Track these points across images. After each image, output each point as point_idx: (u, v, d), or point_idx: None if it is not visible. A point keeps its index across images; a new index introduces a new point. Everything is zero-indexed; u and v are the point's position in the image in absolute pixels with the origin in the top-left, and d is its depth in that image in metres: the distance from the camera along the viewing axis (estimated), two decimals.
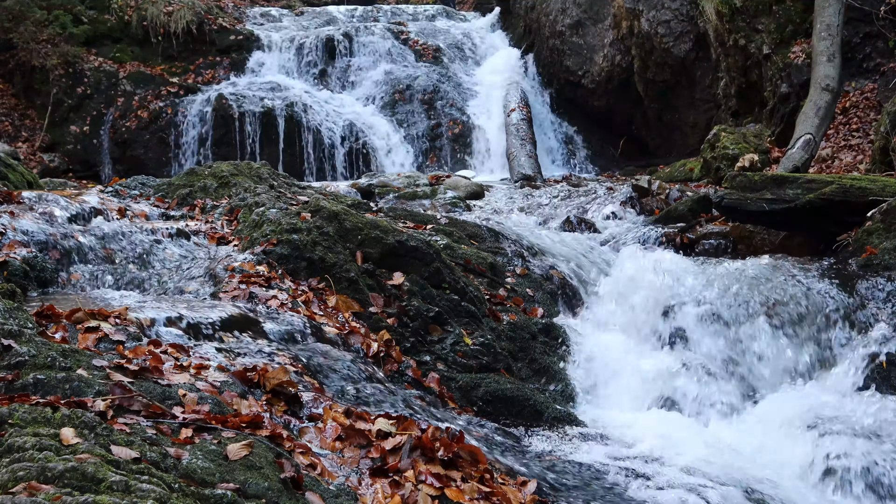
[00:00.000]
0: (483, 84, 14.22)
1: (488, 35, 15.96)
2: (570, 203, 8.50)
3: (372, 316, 4.55)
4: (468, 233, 6.10)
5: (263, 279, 4.46)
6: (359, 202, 6.65)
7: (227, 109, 12.83)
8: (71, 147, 12.99)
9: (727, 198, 6.19)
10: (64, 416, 2.37)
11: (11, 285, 3.73)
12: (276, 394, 3.15)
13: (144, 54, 14.07)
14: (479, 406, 4.35)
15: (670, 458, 3.83)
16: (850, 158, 8.78)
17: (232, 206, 5.65)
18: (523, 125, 12.63)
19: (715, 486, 3.53)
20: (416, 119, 13.53)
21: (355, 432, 2.98)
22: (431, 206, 8.14)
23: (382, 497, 2.65)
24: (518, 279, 5.60)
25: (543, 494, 3.09)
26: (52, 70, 13.02)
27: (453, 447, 2.93)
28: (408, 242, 4.95)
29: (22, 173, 6.12)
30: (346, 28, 15.02)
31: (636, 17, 12.42)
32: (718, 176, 8.94)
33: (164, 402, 2.73)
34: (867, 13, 9.44)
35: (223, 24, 14.68)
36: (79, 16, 13.84)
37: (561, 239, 6.53)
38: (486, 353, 4.66)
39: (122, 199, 5.78)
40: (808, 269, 5.44)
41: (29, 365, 2.74)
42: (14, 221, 4.49)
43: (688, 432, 4.29)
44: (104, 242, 4.71)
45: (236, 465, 2.42)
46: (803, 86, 9.37)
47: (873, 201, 5.65)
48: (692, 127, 12.30)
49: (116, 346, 3.17)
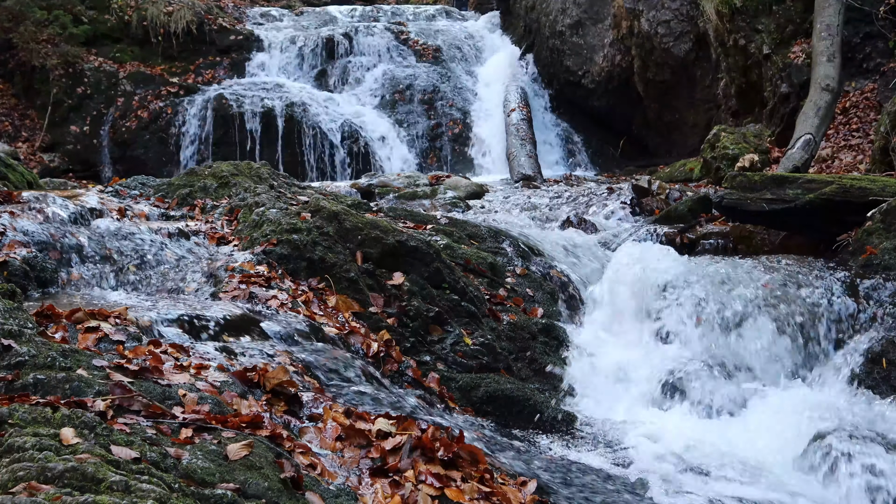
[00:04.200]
0: (483, 84, 14.22)
1: (488, 35, 15.94)
2: (569, 203, 8.50)
3: (372, 316, 4.55)
4: (468, 233, 6.10)
5: (263, 279, 4.46)
6: (359, 202, 6.65)
7: (227, 109, 12.83)
8: (71, 147, 12.99)
9: (727, 198, 6.20)
10: (64, 416, 2.37)
11: (11, 285, 3.73)
12: (276, 394, 3.15)
13: (144, 54, 14.07)
14: (478, 406, 4.35)
15: (670, 458, 3.83)
16: (850, 158, 8.78)
17: (232, 206, 5.65)
18: (523, 125, 12.63)
19: (714, 485, 3.54)
20: (416, 119, 13.53)
21: (355, 432, 2.98)
22: (431, 206, 8.14)
23: (382, 497, 2.65)
24: (518, 279, 5.60)
25: (543, 494, 3.09)
26: (52, 70, 13.02)
27: (453, 447, 2.93)
28: (408, 242, 4.95)
29: (22, 173, 6.11)
30: (345, 28, 15.02)
31: (636, 17, 12.42)
32: (718, 176, 8.94)
33: (164, 402, 2.73)
34: (867, 13, 9.44)
35: (223, 24, 14.68)
36: (79, 16, 13.84)
37: (561, 239, 6.53)
38: (486, 353, 4.66)
39: (122, 199, 5.78)
40: (807, 269, 5.44)
41: (29, 365, 2.74)
42: (14, 221, 4.49)
43: (687, 431, 4.29)
44: (104, 242, 4.71)
45: (236, 465, 2.42)
46: (803, 86, 9.37)
47: (873, 201, 5.65)
48: (692, 127, 12.30)
49: (116, 346, 3.17)
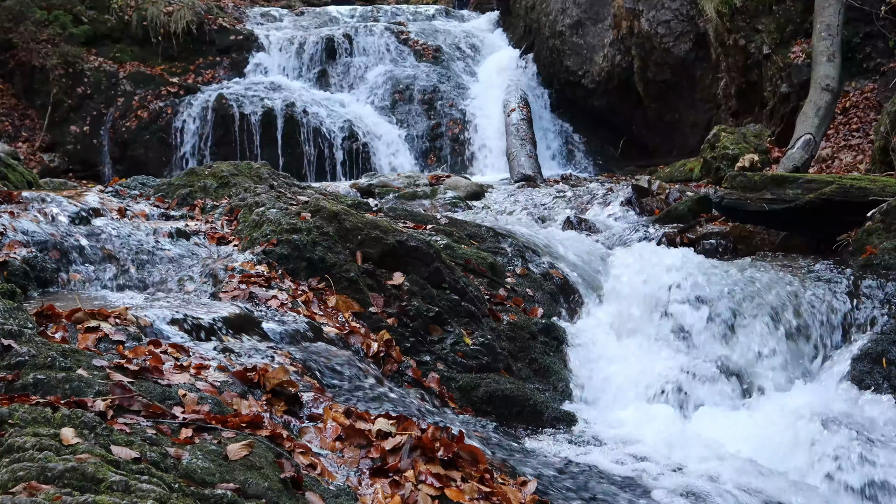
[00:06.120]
0: (483, 84, 14.21)
1: (488, 35, 15.94)
2: (569, 203, 8.50)
3: (372, 316, 4.55)
4: (468, 233, 6.10)
5: (263, 279, 4.46)
6: (359, 202, 6.65)
7: (227, 109, 12.83)
8: (71, 147, 12.99)
9: (727, 198, 6.20)
10: (64, 416, 2.37)
11: (11, 285, 3.72)
12: (276, 394, 3.15)
13: (144, 54, 14.07)
14: (478, 406, 4.35)
15: (669, 458, 3.83)
16: (850, 158, 8.78)
17: (232, 206, 5.65)
18: (523, 125, 12.62)
19: (713, 485, 3.54)
20: (416, 119, 13.53)
21: (355, 432, 2.98)
22: (431, 206, 8.14)
23: (382, 497, 2.65)
24: (518, 279, 5.60)
25: (543, 494, 3.09)
26: (52, 70, 13.02)
27: (453, 447, 2.93)
28: (408, 242, 4.95)
29: (22, 173, 6.11)
30: (346, 28, 15.01)
31: (636, 17, 12.41)
32: (718, 176, 8.94)
33: (164, 402, 2.73)
34: (867, 13, 9.44)
35: (223, 24, 14.68)
36: (79, 16, 13.84)
37: (561, 239, 6.53)
38: (486, 353, 4.66)
39: (123, 199, 5.77)
40: (807, 269, 5.44)
41: (29, 365, 2.74)
42: (14, 221, 4.48)
43: (686, 431, 4.29)
44: (104, 242, 4.70)
45: (236, 465, 2.42)
46: (803, 86, 9.36)
47: (873, 201, 5.65)
48: (692, 127, 12.30)
49: (116, 346, 3.17)
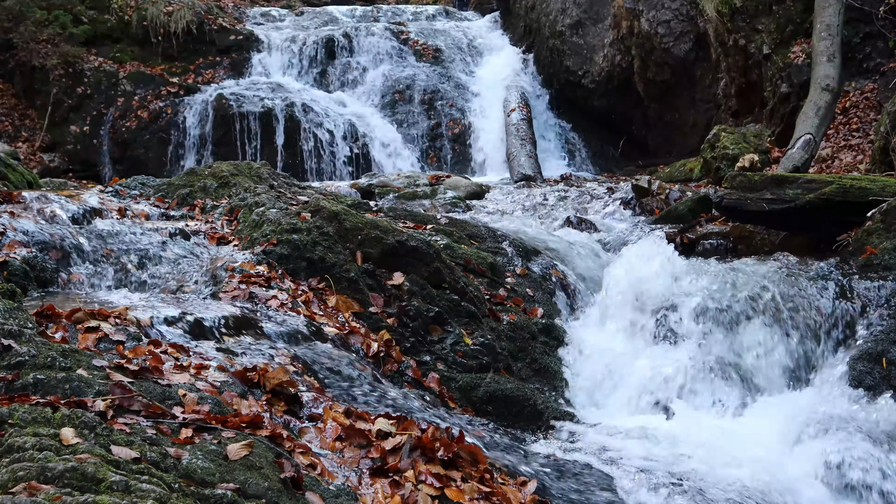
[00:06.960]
0: (483, 84, 14.20)
1: (488, 35, 15.93)
2: (570, 203, 8.51)
3: (372, 316, 4.55)
4: (468, 233, 6.10)
5: (263, 279, 4.46)
6: (359, 202, 6.65)
7: (227, 109, 12.82)
8: (71, 147, 12.99)
9: (727, 198, 6.19)
10: (64, 416, 2.37)
11: (11, 285, 3.73)
12: (276, 394, 3.15)
13: (144, 54, 14.06)
14: (478, 406, 4.35)
15: (669, 458, 3.83)
16: (850, 158, 8.78)
17: (232, 206, 5.65)
18: (523, 125, 12.62)
19: (713, 486, 3.54)
20: (416, 119, 13.52)
21: (355, 432, 2.98)
22: (431, 206, 8.14)
23: (382, 497, 2.65)
24: (518, 279, 5.60)
25: (543, 494, 3.09)
26: (52, 70, 13.01)
27: (453, 447, 2.93)
28: (408, 242, 4.95)
29: (22, 173, 6.11)
30: (346, 28, 15.01)
31: (636, 17, 12.41)
32: (718, 176, 8.94)
33: (164, 402, 2.73)
34: (867, 13, 9.44)
35: (223, 24, 14.67)
36: (79, 16, 13.83)
37: (561, 239, 6.53)
38: (486, 353, 4.66)
39: (122, 199, 5.78)
40: (807, 269, 5.44)
41: (29, 365, 2.74)
42: (14, 221, 4.49)
43: (686, 432, 4.29)
44: (104, 242, 4.71)
45: (236, 465, 2.42)
46: (803, 86, 9.36)
47: (873, 201, 5.65)
48: (692, 127, 12.30)
49: (116, 346, 3.17)
